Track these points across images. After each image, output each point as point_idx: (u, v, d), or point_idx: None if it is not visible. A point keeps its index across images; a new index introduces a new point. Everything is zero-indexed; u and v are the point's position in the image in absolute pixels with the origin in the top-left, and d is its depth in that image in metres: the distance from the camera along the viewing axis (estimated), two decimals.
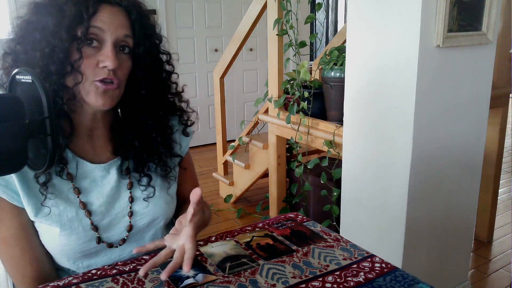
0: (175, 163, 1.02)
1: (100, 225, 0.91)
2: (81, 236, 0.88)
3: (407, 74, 1.46)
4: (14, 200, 0.85)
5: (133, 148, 0.94)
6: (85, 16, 0.79)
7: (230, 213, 2.99)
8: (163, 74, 0.96)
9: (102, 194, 0.92)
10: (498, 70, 2.07)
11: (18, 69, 0.63)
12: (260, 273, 0.81)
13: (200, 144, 4.56)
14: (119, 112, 0.94)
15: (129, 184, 0.95)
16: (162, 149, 0.97)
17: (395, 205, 1.60)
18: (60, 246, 0.88)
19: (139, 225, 0.95)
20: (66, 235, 0.87)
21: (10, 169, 0.61)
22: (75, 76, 0.81)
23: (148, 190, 0.96)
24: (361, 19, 1.60)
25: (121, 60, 0.85)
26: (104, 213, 0.91)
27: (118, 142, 0.94)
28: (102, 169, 0.92)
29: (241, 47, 2.88)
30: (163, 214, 0.98)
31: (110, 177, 0.93)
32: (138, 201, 0.95)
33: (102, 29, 0.81)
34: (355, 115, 1.71)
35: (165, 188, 0.99)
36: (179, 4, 4.23)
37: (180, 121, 1.02)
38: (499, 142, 2.33)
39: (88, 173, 0.91)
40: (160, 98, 0.95)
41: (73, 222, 0.88)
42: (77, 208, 0.88)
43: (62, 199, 0.87)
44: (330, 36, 5.84)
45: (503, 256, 2.33)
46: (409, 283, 0.78)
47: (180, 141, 1.03)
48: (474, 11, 1.50)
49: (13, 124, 0.57)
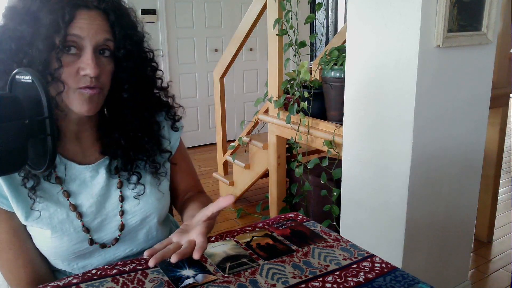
0: (165, 159, 1.00)
1: (92, 226, 0.90)
2: (73, 237, 0.88)
3: (407, 74, 1.46)
4: (3, 205, 0.84)
5: (120, 146, 0.92)
6: (62, 24, 0.76)
7: (230, 213, 2.99)
8: (147, 72, 0.94)
9: (92, 195, 0.91)
10: (498, 70, 2.07)
11: (18, 69, 0.63)
12: (260, 273, 0.81)
13: (200, 144, 4.56)
14: (105, 112, 0.93)
15: (119, 183, 0.94)
16: (150, 146, 0.95)
17: (395, 205, 1.60)
18: (53, 249, 0.88)
19: (131, 223, 0.94)
20: (57, 237, 0.86)
21: (10, 169, 0.61)
22: (56, 86, 0.78)
23: (138, 188, 0.95)
24: (361, 19, 1.60)
25: (102, 64, 0.83)
26: (95, 214, 0.91)
27: (105, 142, 0.93)
28: (91, 169, 0.91)
29: (241, 47, 2.88)
30: (155, 211, 0.96)
31: (99, 177, 0.92)
32: (128, 199, 0.94)
33: (81, 36, 0.78)
34: (355, 115, 1.71)
35: (155, 185, 0.98)
36: (179, 4, 4.23)
37: (167, 117, 1.01)
38: (499, 142, 2.33)
39: (77, 175, 0.90)
40: (144, 96, 0.94)
41: (64, 224, 0.87)
42: (67, 210, 0.88)
43: (52, 202, 0.87)
44: (330, 36, 5.84)
45: (503, 256, 2.33)
46: (409, 283, 0.78)
47: (169, 136, 1.02)
48: (474, 11, 1.50)
49: (13, 124, 0.57)
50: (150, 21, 4.03)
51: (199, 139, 4.57)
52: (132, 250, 0.96)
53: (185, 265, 0.84)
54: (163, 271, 0.83)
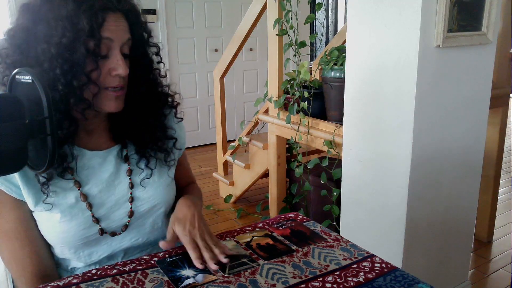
0: (171, 146, 1.03)
1: (100, 212, 0.92)
2: (81, 222, 0.89)
3: (407, 74, 1.46)
4: (13, 192, 0.86)
5: (132, 134, 0.96)
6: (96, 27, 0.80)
7: (230, 213, 2.99)
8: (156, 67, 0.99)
9: (101, 181, 0.93)
10: (498, 70, 2.07)
11: (18, 69, 0.63)
12: (260, 273, 0.81)
13: (200, 144, 4.56)
14: None
15: (129, 171, 0.96)
16: (159, 134, 0.99)
17: (395, 205, 1.60)
18: (61, 234, 0.88)
19: (140, 210, 0.96)
20: (66, 221, 0.88)
21: (10, 169, 0.61)
22: (92, 87, 0.83)
23: (147, 174, 0.97)
24: (361, 19, 1.60)
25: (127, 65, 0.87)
26: (104, 200, 0.92)
27: (116, 130, 0.97)
28: (101, 155, 0.94)
29: (241, 47, 2.88)
30: (163, 200, 0.99)
31: (108, 163, 0.94)
32: (138, 187, 0.97)
33: (112, 39, 0.83)
34: (355, 115, 1.71)
35: (164, 173, 1.01)
36: (179, 4, 4.23)
37: (169, 105, 1.04)
38: (499, 142, 2.33)
39: (86, 161, 0.92)
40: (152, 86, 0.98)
41: (73, 209, 0.89)
42: (77, 195, 0.90)
43: (61, 188, 0.89)
44: (330, 36, 5.85)
45: (503, 256, 2.33)
46: (409, 283, 0.78)
47: (175, 126, 1.05)
48: (474, 11, 1.50)
49: (13, 124, 0.57)
50: (150, 21, 3.98)
51: (199, 139, 4.57)
52: (138, 239, 0.98)
53: (185, 265, 0.85)
54: (163, 271, 0.83)
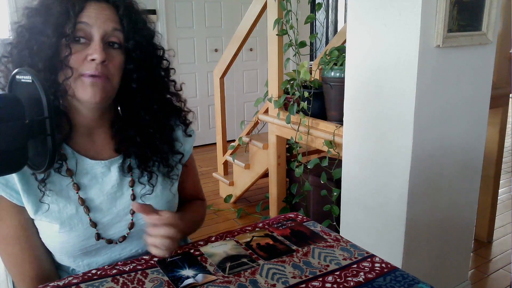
0: (177, 161, 1.01)
1: (101, 222, 0.91)
2: (81, 233, 0.88)
3: (407, 74, 1.46)
4: (13, 199, 0.85)
5: (135, 145, 0.94)
6: (72, 13, 0.81)
7: (230, 213, 2.99)
8: (158, 69, 0.96)
9: (103, 192, 0.92)
10: (498, 70, 2.07)
11: (18, 69, 0.63)
12: (260, 273, 0.81)
13: (200, 144, 4.55)
14: (119, 110, 0.94)
15: (131, 182, 0.95)
16: (163, 146, 0.97)
17: (395, 205, 1.60)
18: (60, 244, 0.88)
19: (141, 223, 0.95)
20: (66, 232, 0.87)
21: (10, 169, 0.61)
22: (65, 71, 0.82)
23: (148, 190, 0.96)
24: (361, 19, 1.60)
25: (111, 54, 0.85)
26: (105, 211, 0.91)
27: (119, 140, 0.94)
28: (103, 165, 0.92)
29: (241, 47, 2.88)
30: None
31: (111, 174, 0.93)
32: (140, 199, 0.95)
33: (89, 24, 0.82)
34: (355, 115, 1.71)
35: (167, 186, 0.99)
36: (179, 4, 4.23)
37: (179, 120, 1.02)
38: (499, 142, 2.33)
39: (88, 169, 0.91)
40: (156, 93, 0.95)
41: (72, 219, 0.88)
42: (77, 205, 0.89)
43: (61, 197, 0.88)
44: (330, 36, 5.84)
45: (503, 256, 2.33)
46: (409, 283, 0.78)
47: (183, 141, 1.03)
48: (474, 11, 1.50)
49: (13, 124, 0.57)
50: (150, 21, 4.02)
51: (199, 139, 4.56)
52: (137, 250, 0.97)
53: (185, 265, 0.85)
54: (163, 271, 0.83)
